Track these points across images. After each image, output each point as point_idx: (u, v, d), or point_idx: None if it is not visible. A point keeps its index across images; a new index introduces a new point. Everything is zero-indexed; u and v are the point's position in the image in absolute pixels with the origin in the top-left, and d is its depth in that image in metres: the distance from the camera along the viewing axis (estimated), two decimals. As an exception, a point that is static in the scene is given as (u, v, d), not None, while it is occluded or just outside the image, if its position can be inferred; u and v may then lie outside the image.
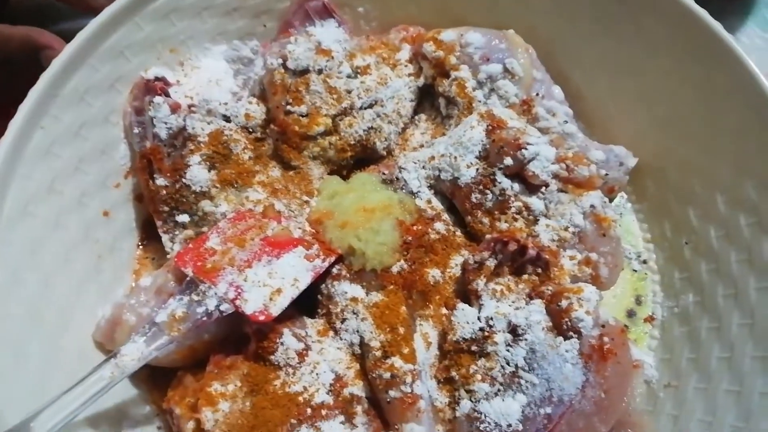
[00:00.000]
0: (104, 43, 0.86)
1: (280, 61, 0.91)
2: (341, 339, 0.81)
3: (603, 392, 0.76)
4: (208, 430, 0.73)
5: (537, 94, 0.95)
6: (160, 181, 0.87)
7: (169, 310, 0.76)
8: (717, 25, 0.81)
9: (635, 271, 0.94)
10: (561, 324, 0.78)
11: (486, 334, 0.79)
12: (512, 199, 0.87)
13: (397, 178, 0.92)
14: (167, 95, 0.89)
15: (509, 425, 0.74)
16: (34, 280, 0.77)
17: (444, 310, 0.85)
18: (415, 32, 1.02)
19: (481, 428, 0.75)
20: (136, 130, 0.90)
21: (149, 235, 0.95)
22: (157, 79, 0.90)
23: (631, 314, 0.91)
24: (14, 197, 0.77)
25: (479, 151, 0.88)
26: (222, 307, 0.76)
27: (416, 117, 1.02)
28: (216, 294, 0.77)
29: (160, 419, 0.84)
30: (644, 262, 0.94)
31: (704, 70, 0.84)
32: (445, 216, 0.91)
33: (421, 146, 0.98)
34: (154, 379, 0.86)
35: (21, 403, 0.68)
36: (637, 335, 0.89)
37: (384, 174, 0.93)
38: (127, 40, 0.89)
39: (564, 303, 0.78)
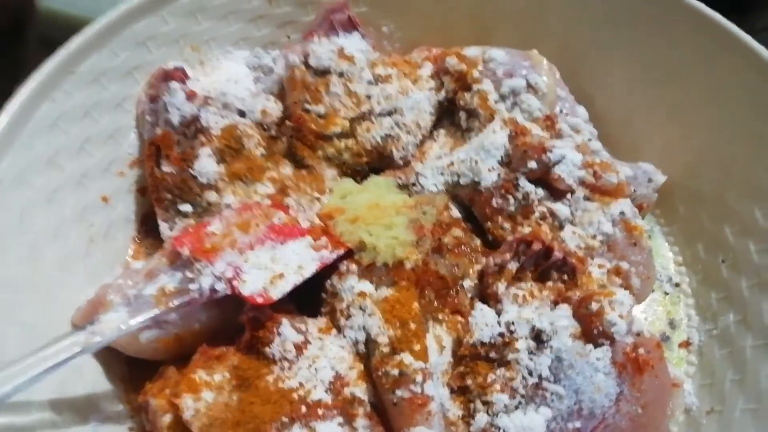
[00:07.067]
0: (126, 30, 0.86)
1: (302, 58, 0.90)
2: (344, 337, 0.73)
3: (640, 407, 0.67)
4: (187, 420, 0.63)
5: (561, 111, 0.93)
6: (166, 168, 0.83)
7: (159, 284, 0.69)
8: (746, 37, 0.80)
9: (667, 293, 0.86)
10: (591, 329, 0.70)
11: (506, 340, 0.71)
12: (536, 204, 0.82)
13: (414, 184, 0.88)
14: (184, 84, 0.88)
15: (532, 441, 0.65)
16: (21, 247, 0.72)
17: (459, 318, 0.77)
18: (438, 52, 1.02)
19: (499, 445, 0.66)
20: (148, 118, 0.87)
21: (147, 232, 0.90)
22: (176, 68, 0.89)
23: (664, 338, 0.83)
24: (11, 162, 0.73)
25: (501, 156, 0.84)
26: (217, 286, 0.69)
27: (435, 132, 0.99)
28: (212, 273, 0.70)
29: (134, 420, 0.74)
30: (676, 285, 0.87)
31: (731, 78, 0.82)
32: (463, 223, 0.85)
33: (439, 158, 0.94)
34: (132, 378, 0.77)
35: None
36: (673, 360, 0.80)
37: (400, 179, 0.88)
38: (150, 30, 0.89)
39: (594, 306, 0.70)
